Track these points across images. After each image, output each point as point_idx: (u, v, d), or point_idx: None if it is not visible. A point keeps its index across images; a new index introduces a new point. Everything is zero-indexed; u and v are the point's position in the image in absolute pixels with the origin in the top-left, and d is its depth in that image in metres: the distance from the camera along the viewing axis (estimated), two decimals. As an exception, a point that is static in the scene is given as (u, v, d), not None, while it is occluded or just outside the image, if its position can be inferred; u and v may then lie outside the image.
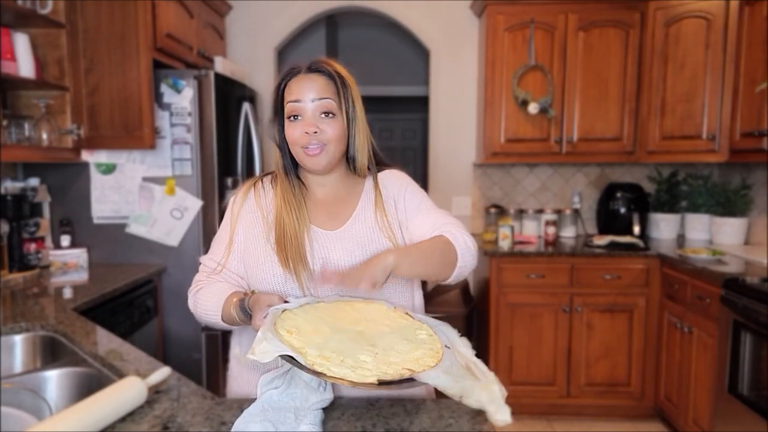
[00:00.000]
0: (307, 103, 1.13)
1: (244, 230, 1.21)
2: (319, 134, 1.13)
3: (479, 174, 3.61)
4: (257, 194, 1.25)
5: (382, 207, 1.21)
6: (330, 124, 1.14)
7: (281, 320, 0.97)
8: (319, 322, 0.98)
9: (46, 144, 2.41)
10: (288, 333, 0.93)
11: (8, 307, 1.84)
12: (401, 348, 0.94)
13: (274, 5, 3.51)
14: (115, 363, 1.28)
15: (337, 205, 1.22)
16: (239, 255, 1.21)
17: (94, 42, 2.46)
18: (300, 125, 1.13)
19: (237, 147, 2.96)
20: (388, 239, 1.18)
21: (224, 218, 1.26)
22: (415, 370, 0.87)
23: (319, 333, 0.94)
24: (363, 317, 1.03)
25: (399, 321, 1.04)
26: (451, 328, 1.04)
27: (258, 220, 1.21)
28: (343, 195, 1.24)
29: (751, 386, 2.19)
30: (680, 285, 2.71)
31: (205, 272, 1.24)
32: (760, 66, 2.59)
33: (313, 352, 0.89)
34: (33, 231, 2.49)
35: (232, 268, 1.21)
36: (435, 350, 0.94)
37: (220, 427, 0.95)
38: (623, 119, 3.17)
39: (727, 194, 3.15)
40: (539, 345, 3.01)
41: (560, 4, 3.11)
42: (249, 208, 1.23)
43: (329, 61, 1.18)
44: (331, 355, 0.88)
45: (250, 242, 1.19)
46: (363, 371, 0.85)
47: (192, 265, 2.62)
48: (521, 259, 2.98)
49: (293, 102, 1.14)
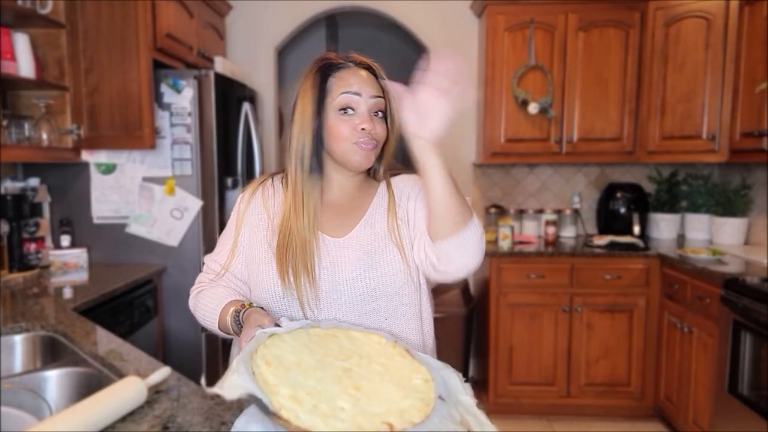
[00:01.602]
0: (365, 97, 1.09)
1: (249, 233, 1.17)
2: (373, 130, 1.08)
3: (479, 174, 3.61)
4: (265, 194, 1.19)
5: (394, 210, 1.15)
6: (381, 125, 1.11)
7: (265, 346, 0.90)
8: (304, 352, 0.90)
9: (46, 144, 2.41)
10: (266, 364, 0.85)
11: (8, 307, 1.84)
12: (388, 395, 0.84)
13: (274, 5, 3.51)
14: (115, 363, 1.28)
15: (348, 208, 1.17)
16: (243, 258, 1.17)
17: (94, 42, 2.46)
18: (353, 119, 1.08)
19: (237, 147, 2.96)
20: (396, 246, 1.11)
21: (231, 217, 1.22)
22: (394, 427, 0.77)
23: (300, 366, 0.86)
24: (356, 351, 0.94)
25: (396, 360, 0.94)
26: (453, 372, 0.92)
27: (263, 222, 1.15)
28: (356, 198, 1.18)
29: (751, 386, 2.19)
30: (680, 285, 2.71)
31: (208, 274, 1.21)
32: (760, 66, 2.59)
33: (285, 392, 0.80)
34: (33, 231, 2.49)
35: (235, 273, 1.17)
36: (425, 402, 0.84)
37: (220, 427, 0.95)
38: (623, 119, 3.17)
39: (727, 194, 3.15)
40: (539, 345, 3.01)
41: (560, 4, 3.11)
42: (255, 210, 1.18)
43: (363, 57, 1.14)
44: (304, 398, 0.79)
45: (254, 247, 1.15)
46: (336, 422, 0.77)
47: (192, 265, 2.65)
48: (521, 259, 2.98)
49: (351, 93, 1.08)
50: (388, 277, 1.08)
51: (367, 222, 1.14)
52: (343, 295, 1.07)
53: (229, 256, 1.18)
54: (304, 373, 0.85)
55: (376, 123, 1.10)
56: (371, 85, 1.10)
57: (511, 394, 3.05)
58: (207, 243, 2.67)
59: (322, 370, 0.86)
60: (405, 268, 1.10)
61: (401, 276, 1.09)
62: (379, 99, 1.11)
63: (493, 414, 3.01)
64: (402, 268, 1.09)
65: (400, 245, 1.11)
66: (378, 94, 1.11)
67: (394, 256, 1.10)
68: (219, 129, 2.68)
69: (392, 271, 1.09)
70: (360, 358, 0.92)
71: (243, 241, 1.17)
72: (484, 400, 3.10)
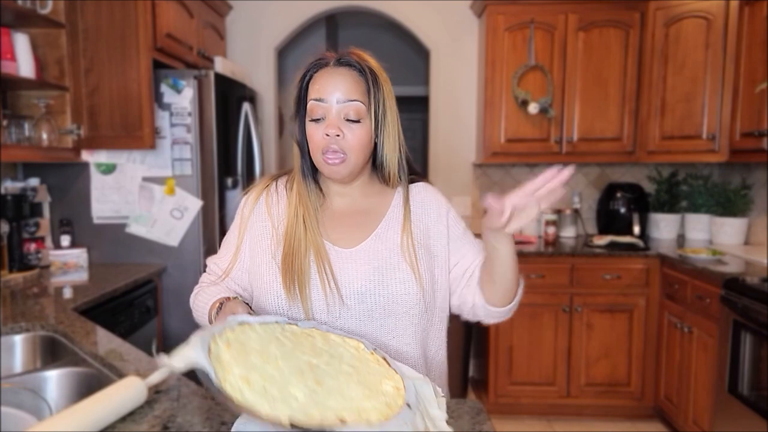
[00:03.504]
0: (332, 103, 1.01)
1: (251, 242, 1.13)
2: (341, 139, 1.01)
3: (479, 174, 3.61)
4: (269, 201, 1.14)
5: (409, 228, 1.08)
6: (354, 131, 1.02)
7: (231, 331, 0.86)
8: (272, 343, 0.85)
9: (46, 144, 2.41)
10: (226, 346, 0.81)
11: (8, 307, 1.84)
12: (351, 394, 0.78)
13: (274, 5, 3.51)
14: (115, 363, 1.28)
15: (358, 218, 1.10)
16: (244, 266, 1.14)
17: (94, 42, 2.46)
18: (322, 127, 1.02)
19: (237, 147, 2.96)
20: (410, 265, 1.05)
21: (234, 220, 1.18)
22: (346, 422, 0.72)
23: (263, 355, 0.81)
24: (328, 351, 0.89)
25: (369, 365, 0.88)
26: (431, 386, 0.87)
27: (267, 230, 1.11)
28: (365, 207, 1.12)
29: (751, 386, 2.19)
30: (680, 285, 2.71)
31: (210, 276, 1.21)
32: (760, 66, 2.59)
33: (237, 371, 0.76)
34: (33, 231, 2.49)
35: (236, 279, 1.16)
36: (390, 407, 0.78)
37: (220, 427, 0.95)
38: (623, 119, 3.17)
39: (727, 194, 3.15)
40: (539, 345, 3.01)
41: (560, 4, 3.11)
42: (259, 216, 1.13)
43: (362, 53, 1.06)
44: (255, 380, 0.75)
45: (257, 255, 1.11)
46: (284, 407, 0.72)
47: (192, 265, 2.65)
48: (521, 259, 2.93)
49: (317, 101, 1.02)
50: (399, 297, 1.04)
51: (378, 235, 1.08)
52: (350, 309, 1.04)
53: (230, 261, 1.16)
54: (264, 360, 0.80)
55: (346, 129, 1.01)
56: (342, 88, 1.01)
57: (511, 394, 3.04)
58: (207, 243, 2.67)
59: (286, 361, 0.82)
60: (417, 290, 1.05)
61: (413, 297, 1.05)
62: (352, 103, 1.01)
63: (493, 414, 3.01)
64: (414, 289, 1.05)
65: (414, 265, 1.06)
66: (351, 97, 1.01)
67: (406, 275, 1.05)
68: (219, 129, 2.68)
69: (404, 290, 1.04)
70: (331, 357, 0.87)
71: (245, 248, 1.14)
72: (484, 400, 3.10)
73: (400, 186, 1.14)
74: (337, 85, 1.02)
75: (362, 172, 1.10)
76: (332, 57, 1.05)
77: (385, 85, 1.06)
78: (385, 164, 1.10)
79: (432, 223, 1.12)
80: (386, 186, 1.14)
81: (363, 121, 1.03)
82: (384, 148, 1.08)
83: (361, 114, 1.03)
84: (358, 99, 1.02)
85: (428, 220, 1.12)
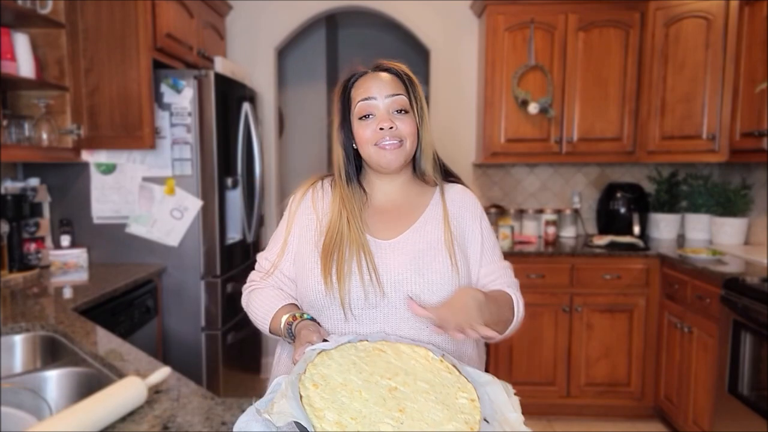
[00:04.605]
0: (380, 99, 1.12)
1: (299, 233, 1.20)
2: (394, 130, 1.11)
3: (479, 174, 3.61)
4: (315, 195, 1.22)
5: (449, 223, 1.16)
6: (404, 121, 1.12)
7: (313, 365, 0.93)
8: (351, 371, 0.93)
9: (46, 144, 2.41)
10: (314, 386, 0.88)
11: (8, 307, 1.84)
12: (433, 417, 0.85)
13: (274, 5, 3.51)
14: (115, 363, 1.28)
15: (398, 213, 1.18)
16: (292, 257, 1.20)
17: (94, 42, 2.46)
18: (373, 123, 1.11)
19: (237, 147, 2.96)
20: (449, 255, 1.12)
21: (283, 216, 1.26)
22: None
23: (347, 387, 0.89)
24: (402, 367, 0.95)
25: (442, 375, 0.95)
26: (501, 387, 0.93)
27: (312, 223, 1.19)
28: (405, 203, 1.20)
29: (751, 386, 2.19)
30: (680, 285, 2.71)
31: (259, 272, 1.25)
32: (760, 66, 2.59)
33: (331, 417, 0.83)
34: (33, 231, 2.49)
35: (284, 271, 1.20)
36: (470, 425, 0.84)
37: (220, 427, 0.95)
38: (623, 119, 3.17)
39: (727, 194, 3.15)
40: (539, 345, 3.01)
41: (560, 4, 3.11)
42: (305, 210, 1.21)
43: (391, 61, 1.18)
44: (348, 423, 0.82)
45: (302, 246, 1.18)
46: None
47: (192, 265, 2.65)
48: (521, 259, 2.98)
49: (366, 100, 1.12)
50: (435, 285, 1.08)
51: (417, 229, 1.15)
52: (386, 296, 1.08)
53: (279, 254, 1.21)
54: (350, 395, 0.88)
55: (397, 120, 1.12)
56: (389, 85, 1.13)
57: (511, 394, 3.04)
58: (207, 243, 2.67)
59: (368, 391, 0.89)
60: (455, 277, 1.10)
61: (449, 285, 1.09)
62: (398, 96, 1.12)
63: (493, 414, 3.00)
64: (450, 276, 1.10)
65: (452, 256, 1.12)
66: (397, 92, 1.13)
67: (443, 265, 1.10)
68: (219, 129, 2.68)
69: (440, 279, 1.09)
70: (406, 375, 0.93)
71: (293, 240, 1.20)
72: (484, 400, 3.09)
73: (438, 185, 1.23)
74: (381, 83, 1.13)
75: (407, 167, 1.18)
76: (368, 67, 1.17)
77: (418, 86, 1.17)
78: (422, 158, 1.19)
79: (467, 225, 1.20)
80: (425, 185, 1.23)
81: (409, 112, 1.13)
82: (423, 142, 1.17)
83: (407, 106, 1.13)
84: (401, 93, 1.13)
85: (463, 222, 1.19)
